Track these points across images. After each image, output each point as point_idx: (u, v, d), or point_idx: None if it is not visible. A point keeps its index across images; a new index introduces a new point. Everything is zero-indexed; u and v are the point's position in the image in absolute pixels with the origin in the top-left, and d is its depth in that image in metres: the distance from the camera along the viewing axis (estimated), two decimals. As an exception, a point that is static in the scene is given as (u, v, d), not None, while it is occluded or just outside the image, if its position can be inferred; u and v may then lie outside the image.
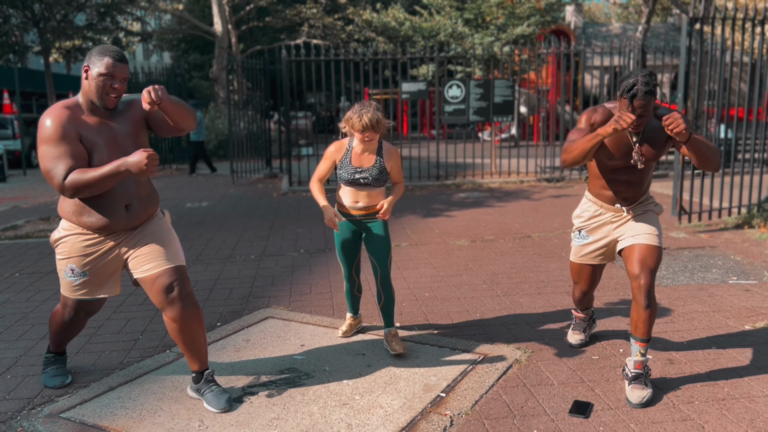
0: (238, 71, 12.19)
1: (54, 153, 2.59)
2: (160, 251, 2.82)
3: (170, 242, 2.89)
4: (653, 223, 3.02)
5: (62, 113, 2.64)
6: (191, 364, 2.91)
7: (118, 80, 2.67)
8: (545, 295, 4.47)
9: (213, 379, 2.92)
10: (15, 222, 8.14)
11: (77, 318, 3.05)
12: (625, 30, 27.92)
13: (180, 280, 2.80)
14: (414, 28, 18.64)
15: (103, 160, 2.69)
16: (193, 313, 2.81)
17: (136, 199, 2.82)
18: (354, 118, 3.19)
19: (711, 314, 4.00)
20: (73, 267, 2.84)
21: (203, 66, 29.20)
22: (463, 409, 2.81)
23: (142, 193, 2.86)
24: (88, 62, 2.68)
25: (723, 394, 2.91)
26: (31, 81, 26.25)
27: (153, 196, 2.94)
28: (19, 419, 2.81)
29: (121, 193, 2.77)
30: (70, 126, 2.64)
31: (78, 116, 2.69)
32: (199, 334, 2.86)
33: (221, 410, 2.82)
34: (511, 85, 10.77)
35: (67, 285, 2.90)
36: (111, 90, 2.67)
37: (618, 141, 2.94)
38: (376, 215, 3.38)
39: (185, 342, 2.84)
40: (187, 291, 2.81)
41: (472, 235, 6.62)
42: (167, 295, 2.77)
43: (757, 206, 7.05)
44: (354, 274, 3.58)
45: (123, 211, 2.78)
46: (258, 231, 7.15)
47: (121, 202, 2.77)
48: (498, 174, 11.51)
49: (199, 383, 2.92)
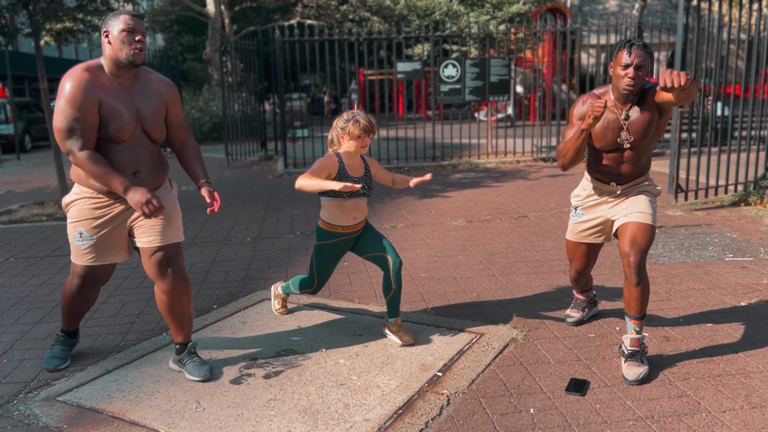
0: (231, 53, 12.08)
1: (72, 115, 2.64)
2: (163, 226, 2.91)
3: (174, 218, 2.97)
4: (647, 203, 3.02)
5: (83, 76, 2.67)
6: (176, 336, 3.03)
7: (139, 32, 2.73)
8: (541, 275, 4.48)
9: (195, 351, 3.07)
10: (9, 207, 8.10)
11: (85, 287, 3.07)
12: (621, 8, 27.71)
13: (175, 256, 2.92)
14: (409, 7, 18.47)
15: (124, 127, 2.74)
16: (183, 288, 2.93)
17: (145, 167, 2.87)
18: (350, 126, 3.14)
19: (707, 291, 4.00)
20: (82, 231, 2.90)
21: (196, 48, 28.93)
22: (460, 388, 2.82)
23: (152, 161, 2.91)
24: (107, 27, 2.74)
25: (719, 370, 2.92)
26: (23, 65, 25.98)
27: (163, 164, 2.99)
28: (16, 403, 2.81)
29: (130, 160, 2.81)
30: (91, 91, 2.67)
31: (100, 80, 2.72)
32: (187, 307, 2.98)
33: (202, 378, 2.94)
34: (507, 64, 10.70)
35: (76, 250, 2.95)
36: (135, 42, 2.71)
37: (608, 123, 2.95)
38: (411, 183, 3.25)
39: (173, 314, 2.96)
40: (180, 266, 2.94)
41: (468, 216, 6.61)
42: (161, 269, 2.88)
43: (754, 184, 7.05)
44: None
45: (131, 177, 2.83)
46: (254, 213, 7.12)
47: (130, 168, 2.82)
48: (494, 154, 11.48)
49: (182, 354, 3.05)
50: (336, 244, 3.33)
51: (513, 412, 2.61)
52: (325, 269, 3.41)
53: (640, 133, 2.92)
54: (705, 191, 7.04)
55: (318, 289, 3.51)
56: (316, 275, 3.43)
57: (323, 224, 3.31)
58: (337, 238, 3.31)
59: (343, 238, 3.32)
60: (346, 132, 3.16)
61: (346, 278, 4.50)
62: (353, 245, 3.40)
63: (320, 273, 3.42)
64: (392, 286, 3.29)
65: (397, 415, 2.60)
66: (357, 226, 3.33)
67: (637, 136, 2.92)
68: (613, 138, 2.96)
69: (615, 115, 2.94)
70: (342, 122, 3.18)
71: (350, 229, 3.31)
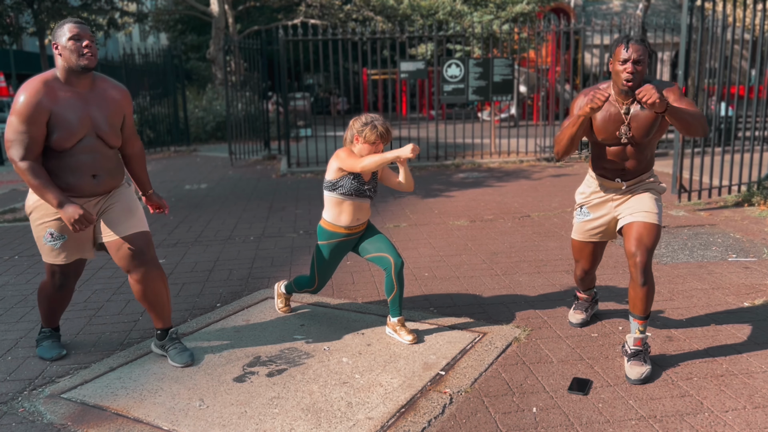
0: (235, 52, 12.09)
1: (19, 128, 2.77)
2: (126, 218, 3.01)
3: (135, 209, 3.07)
4: (653, 202, 3.01)
5: (38, 89, 2.77)
6: (156, 322, 3.13)
7: (86, 38, 2.81)
8: (544, 274, 4.48)
9: (177, 338, 3.16)
10: (14, 205, 8.13)
11: (67, 281, 3.16)
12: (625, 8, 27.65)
13: (145, 245, 2.99)
14: (412, 7, 18.47)
15: (73, 133, 2.83)
16: (156, 275, 3.01)
17: (102, 170, 2.97)
18: (367, 131, 3.14)
19: (710, 291, 4.00)
20: (53, 231, 2.98)
21: (200, 47, 28.96)
22: (463, 386, 2.82)
23: (109, 166, 3.01)
24: (55, 39, 2.86)
25: (722, 370, 2.92)
26: (27, 63, 26.05)
27: (120, 168, 3.11)
28: (20, 400, 2.82)
29: (88, 164, 2.92)
30: (43, 104, 2.77)
31: (54, 91, 2.81)
32: (162, 293, 3.06)
33: (183, 365, 3.05)
34: (510, 63, 10.69)
35: (47, 250, 3.02)
36: (83, 48, 2.79)
37: (609, 117, 2.93)
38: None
39: (150, 302, 3.04)
40: (152, 255, 3.01)
41: (471, 215, 6.61)
42: (132, 260, 2.95)
43: (757, 184, 7.04)
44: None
45: (90, 179, 2.93)
46: (257, 212, 7.14)
47: (88, 171, 2.93)
48: (497, 154, 11.47)
49: (164, 340, 3.14)
50: (337, 243, 3.34)
51: (515, 411, 2.61)
52: (326, 269, 3.42)
53: (643, 131, 2.91)
54: (708, 191, 7.03)
55: (319, 288, 3.51)
56: (317, 274, 3.44)
57: (326, 224, 3.32)
58: (338, 238, 3.32)
59: (344, 239, 3.33)
60: (363, 136, 3.16)
61: (349, 277, 4.51)
62: (355, 246, 3.41)
63: (321, 272, 3.43)
64: (394, 286, 3.29)
65: (399, 414, 2.61)
66: (359, 227, 3.34)
67: (639, 133, 2.92)
68: (613, 131, 2.95)
69: (617, 109, 2.93)
70: (360, 125, 3.18)
71: (353, 229, 3.31)
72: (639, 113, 2.90)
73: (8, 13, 10.64)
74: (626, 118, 2.91)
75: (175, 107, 15.52)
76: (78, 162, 2.88)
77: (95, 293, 4.33)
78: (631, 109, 2.91)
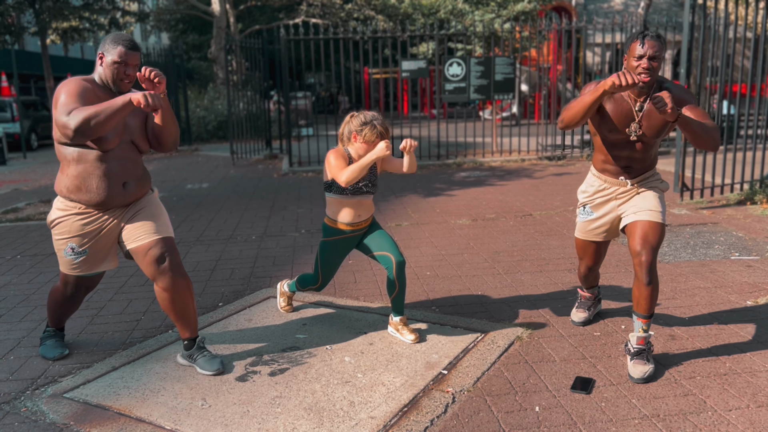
0: (236, 51, 12.09)
1: (70, 102, 2.67)
2: (152, 224, 2.96)
3: (160, 215, 3.03)
4: (657, 200, 2.99)
5: (81, 83, 2.78)
6: (182, 332, 3.05)
7: (130, 67, 2.84)
8: (546, 273, 4.47)
9: (204, 346, 3.08)
10: (16, 204, 8.14)
11: (78, 293, 3.17)
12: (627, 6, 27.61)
13: (170, 252, 2.93)
14: (414, 6, 18.47)
15: (110, 140, 2.81)
16: (183, 283, 2.93)
17: (132, 179, 2.95)
18: (366, 130, 3.13)
19: (713, 290, 3.99)
20: (74, 246, 2.95)
21: (202, 46, 28.97)
22: (465, 385, 2.82)
23: (138, 173, 2.99)
24: (103, 50, 2.84)
25: (725, 369, 2.92)
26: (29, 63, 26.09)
27: (147, 175, 3.09)
28: (23, 399, 2.82)
29: (118, 172, 2.88)
30: (90, 90, 2.77)
31: (95, 91, 2.81)
32: (189, 302, 2.99)
33: (214, 372, 2.96)
34: (512, 62, 10.68)
35: (67, 263, 3.00)
36: (124, 76, 2.83)
37: (621, 112, 2.90)
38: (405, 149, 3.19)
39: (176, 311, 2.97)
40: (177, 262, 2.94)
41: (473, 214, 6.61)
42: (159, 266, 2.89)
43: (760, 182, 7.02)
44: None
45: (120, 189, 2.90)
46: (259, 212, 7.14)
47: (119, 180, 2.89)
48: (499, 153, 11.46)
49: (191, 350, 3.06)
50: (341, 241, 3.34)
51: (518, 410, 2.61)
52: (329, 266, 3.42)
53: (654, 130, 2.89)
54: (711, 190, 7.02)
55: (322, 286, 3.51)
56: (320, 272, 3.44)
57: (329, 221, 3.32)
58: (342, 235, 3.32)
59: (348, 236, 3.33)
60: (361, 134, 3.15)
61: (351, 276, 4.51)
62: (358, 243, 3.41)
63: (324, 270, 3.43)
64: (395, 284, 3.29)
65: (402, 413, 2.60)
66: (363, 223, 3.33)
67: (649, 132, 2.89)
68: (623, 127, 2.91)
69: (629, 105, 2.90)
70: (358, 123, 3.16)
71: (356, 226, 3.31)
72: (653, 112, 2.86)
73: (10, 13, 10.65)
74: (638, 115, 2.88)
75: (177, 107, 15.54)
76: (109, 169, 2.84)
77: (97, 293, 4.33)
78: (645, 107, 2.88)
